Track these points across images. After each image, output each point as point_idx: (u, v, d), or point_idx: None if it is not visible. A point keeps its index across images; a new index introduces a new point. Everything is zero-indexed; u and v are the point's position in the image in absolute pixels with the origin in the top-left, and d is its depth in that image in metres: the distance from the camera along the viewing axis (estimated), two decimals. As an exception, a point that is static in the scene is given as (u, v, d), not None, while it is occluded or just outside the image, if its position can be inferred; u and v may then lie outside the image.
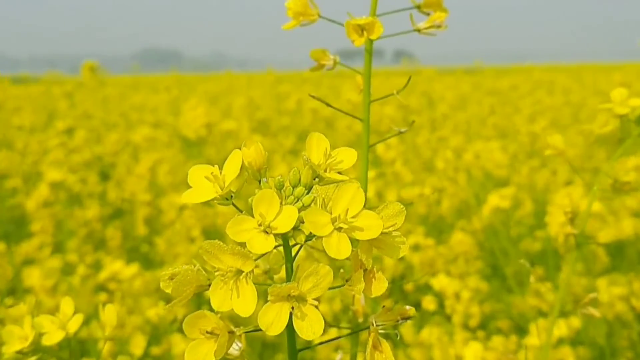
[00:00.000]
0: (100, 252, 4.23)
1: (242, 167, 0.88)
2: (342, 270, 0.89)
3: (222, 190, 0.86)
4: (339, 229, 0.82)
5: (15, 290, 3.60)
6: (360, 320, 1.38)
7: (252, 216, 0.82)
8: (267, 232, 0.81)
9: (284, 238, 0.85)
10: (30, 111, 8.54)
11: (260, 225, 0.81)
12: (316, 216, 0.82)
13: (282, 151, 6.04)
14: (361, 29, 1.21)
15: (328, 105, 1.34)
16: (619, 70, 12.62)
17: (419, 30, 1.30)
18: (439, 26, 1.29)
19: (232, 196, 0.88)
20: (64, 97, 8.25)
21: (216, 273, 0.82)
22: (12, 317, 1.15)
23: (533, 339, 2.49)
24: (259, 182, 0.88)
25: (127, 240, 4.63)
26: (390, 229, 0.87)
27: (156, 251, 4.06)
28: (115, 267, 3.01)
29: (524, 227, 4.53)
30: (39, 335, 1.14)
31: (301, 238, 0.83)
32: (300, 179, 0.88)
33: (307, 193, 0.87)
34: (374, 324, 0.92)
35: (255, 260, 0.82)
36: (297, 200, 0.86)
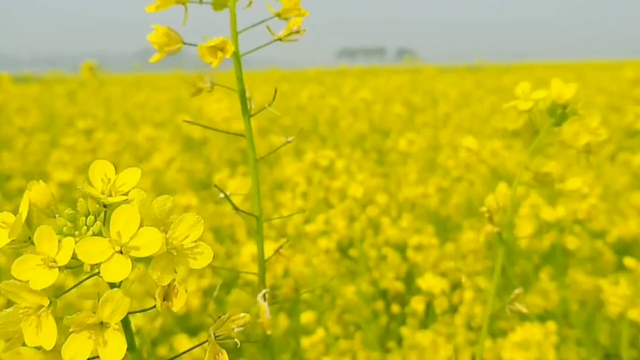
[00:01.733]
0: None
1: (30, 210, 0.88)
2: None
3: (14, 235, 0.86)
4: (118, 252, 0.83)
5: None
6: (269, 332, 1.41)
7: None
8: (51, 267, 0.82)
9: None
10: (33, 111, 8.52)
11: (44, 260, 0.82)
12: (89, 245, 0.83)
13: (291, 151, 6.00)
14: (217, 50, 1.25)
15: (206, 127, 1.44)
16: (620, 69, 12.56)
17: (280, 39, 1.32)
18: (297, 32, 1.30)
19: (30, 238, 0.87)
20: (66, 96, 8.25)
21: (20, 312, 0.84)
22: None
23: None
24: (55, 217, 0.90)
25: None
26: (185, 241, 0.88)
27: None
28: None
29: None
30: None
31: (87, 266, 0.84)
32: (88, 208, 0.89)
33: (104, 222, 0.87)
34: (212, 336, 0.93)
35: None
36: (89, 229, 0.87)
